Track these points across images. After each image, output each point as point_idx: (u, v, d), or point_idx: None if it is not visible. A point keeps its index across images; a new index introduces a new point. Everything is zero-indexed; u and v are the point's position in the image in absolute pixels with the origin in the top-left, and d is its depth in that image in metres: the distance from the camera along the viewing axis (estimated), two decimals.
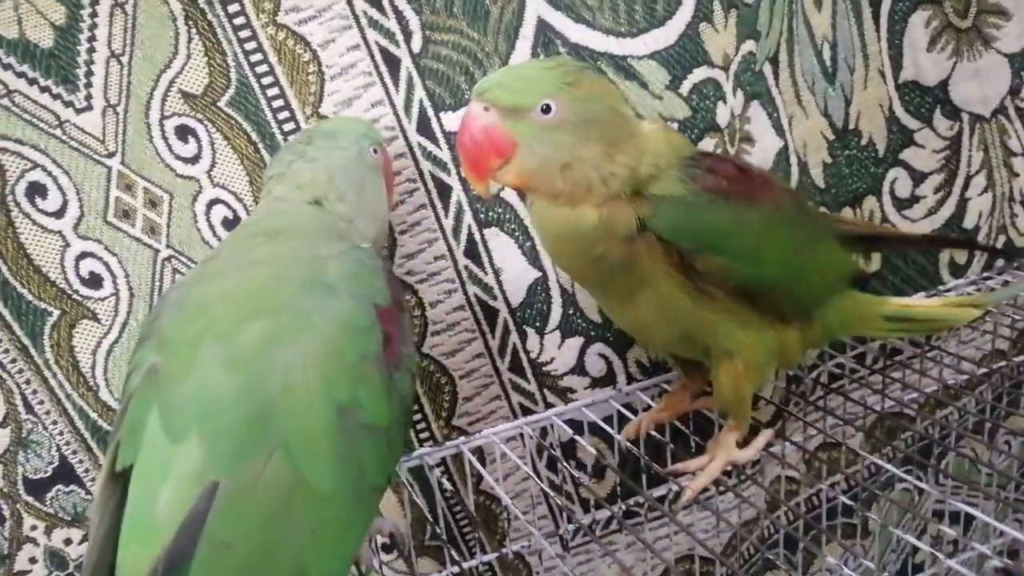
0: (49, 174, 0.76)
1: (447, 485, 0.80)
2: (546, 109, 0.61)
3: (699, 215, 0.65)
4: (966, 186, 0.99)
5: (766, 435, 0.78)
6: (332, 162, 0.70)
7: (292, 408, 0.52)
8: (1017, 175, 0.99)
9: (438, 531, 0.81)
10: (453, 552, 0.78)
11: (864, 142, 0.96)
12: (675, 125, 0.81)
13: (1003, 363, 0.97)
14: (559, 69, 0.63)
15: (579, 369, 0.85)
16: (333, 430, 0.53)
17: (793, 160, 0.90)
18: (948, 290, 0.99)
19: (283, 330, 0.54)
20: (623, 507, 0.90)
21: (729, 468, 0.77)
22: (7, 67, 0.73)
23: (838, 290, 0.77)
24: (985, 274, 1.00)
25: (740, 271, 0.67)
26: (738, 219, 0.66)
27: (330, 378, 0.54)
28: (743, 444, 0.76)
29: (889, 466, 0.78)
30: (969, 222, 0.99)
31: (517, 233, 0.82)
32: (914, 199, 0.99)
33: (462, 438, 0.83)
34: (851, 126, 0.95)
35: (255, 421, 0.51)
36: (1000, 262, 1.02)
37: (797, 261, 0.71)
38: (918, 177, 0.98)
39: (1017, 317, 0.94)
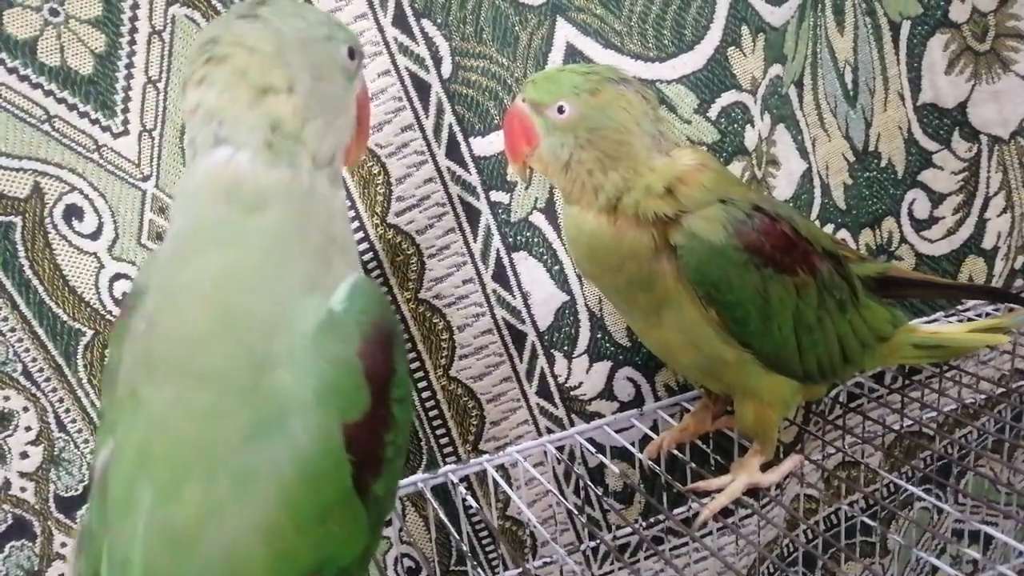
0: (86, 197, 0.77)
1: (471, 502, 0.80)
2: (561, 109, 0.65)
3: (728, 270, 0.65)
4: (985, 207, 0.99)
5: (793, 461, 0.78)
6: (284, 29, 0.53)
7: None
8: None
9: (463, 547, 0.82)
10: (478, 570, 0.78)
11: (883, 164, 0.97)
12: (704, 149, 0.81)
13: (1022, 382, 0.97)
14: (588, 76, 0.66)
15: (607, 393, 0.86)
16: None
17: (816, 182, 0.91)
18: (967, 310, 1.00)
19: (222, 498, 0.46)
20: (648, 531, 0.90)
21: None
22: (48, 93, 0.74)
23: (872, 346, 0.77)
24: None
25: (750, 336, 0.68)
26: (764, 289, 0.67)
27: (281, 554, 0.47)
28: (767, 467, 0.77)
29: (908, 485, 0.79)
30: (988, 243, 1.00)
31: (545, 257, 0.83)
32: (932, 220, 0.99)
33: (486, 456, 0.83)
34: (871, 148, 0.96)
35: None
36: (1019, 282, 1.03)
37: (815, 340, 0.71)
38: (936, 198, 0.99)
39: None
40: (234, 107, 0.51)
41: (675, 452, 0.82)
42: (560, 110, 0.65)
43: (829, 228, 0.93)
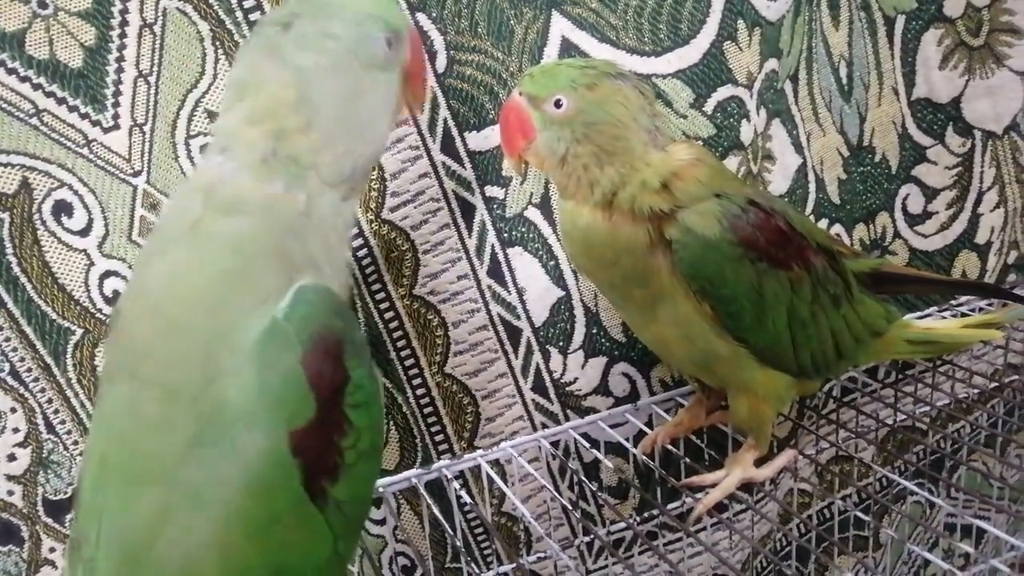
0: (75, 193, 0.76)
1: (466, 498, 0.80)
2: (558, 103, 0.65)
3: (722, 264, 0.65)
4: (978, 202, 1.00)
5: (787, 456, 0.78)
6: (306, 65, 0.53)
7: None
8: None
9: (457, 543, 0.81)
10: (472, 565, 0.78)
11: (878, 159, 0.97)
12: (699, 144, 0.81)
13: (1015, 377, 0.98)
14: (585, 70, 0.66)
15: (603, 389, 0.85)
16: None
17: (811, 177, 0.90)
18: (960, 305, 1.00)
19: (174, 507, 0.47)
20: (642, 526, 0.90)
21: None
22: (37, 87, 0.73)
23: (866, 342, 0.77)
24: None
25: (744, 331, 0.68)
26: (758, 283, 0.67)
27: (233, 562, 0.48)
28: (761, 461, 0.77)
29: (901, 479, 0.79)
30: (981, 238, 1.00)
31: (541, 252, 0.82)
32: (926, 215, 1.00)
33: (480, 451, 0.83)
34: (865, 143, 0.96)
35: None
36: (1012, 277, 1.03)
37: (809, 335, 0.71)
38: (930, 193, 0.99)
39: None
40: (250, 135, 0.53)
41: (669, 447, 0.82)
42: (557, 104, 0.65)
43: (823, 223, 0.93)
